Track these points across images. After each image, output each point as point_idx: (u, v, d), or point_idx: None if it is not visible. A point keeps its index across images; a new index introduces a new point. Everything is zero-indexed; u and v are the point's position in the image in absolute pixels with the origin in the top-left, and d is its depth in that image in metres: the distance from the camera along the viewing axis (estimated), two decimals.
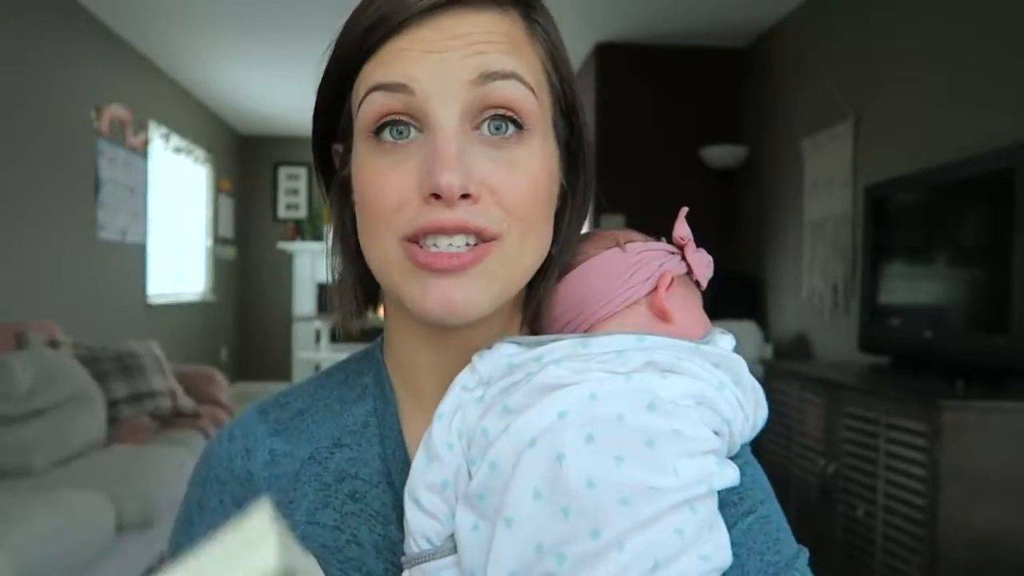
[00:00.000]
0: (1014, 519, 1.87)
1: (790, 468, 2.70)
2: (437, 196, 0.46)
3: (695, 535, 0.44)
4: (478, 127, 0.48)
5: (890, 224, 2.70)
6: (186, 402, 3.60)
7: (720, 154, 4.21)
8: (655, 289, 0.53)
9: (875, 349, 2.74)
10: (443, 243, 0.47)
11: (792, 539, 0.53)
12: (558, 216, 0.55)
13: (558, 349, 0.49)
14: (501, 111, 0.48)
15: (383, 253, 0.50)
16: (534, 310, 0.56)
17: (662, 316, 0.53)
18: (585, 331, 0.54)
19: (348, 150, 0.53)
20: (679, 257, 0.56)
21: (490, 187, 0.48)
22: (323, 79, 0.54)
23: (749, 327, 3.71)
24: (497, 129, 0.49)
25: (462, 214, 0.47)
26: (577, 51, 4.61)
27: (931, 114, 2.74)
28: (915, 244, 2.58)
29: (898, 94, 2.94)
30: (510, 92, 0.48)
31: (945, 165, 2.41)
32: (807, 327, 3.63)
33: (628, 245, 0.55)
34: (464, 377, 0.51)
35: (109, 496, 2.53)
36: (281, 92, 5.78)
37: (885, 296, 2.69)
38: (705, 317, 0.56)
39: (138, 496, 2.64)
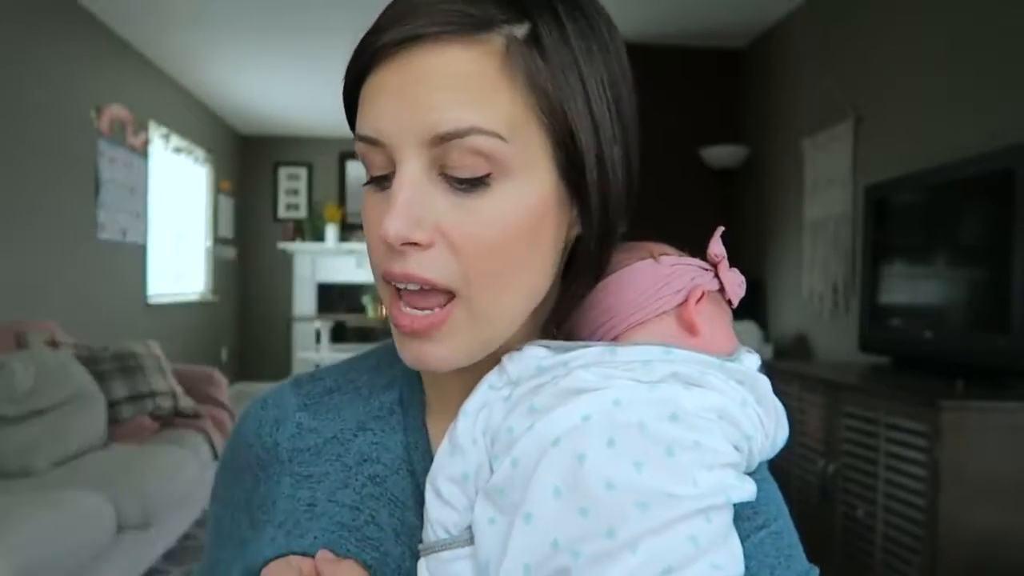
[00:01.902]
0: (1014, 519, 1.87)
1: (790, 468, 2.70)
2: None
3: (709, 544, 0.44)
4: (443, 173, 0.47)
5: (890, 224, 2.70)
6: (186, 402, 3.60)
7: (720, 154, 4.21)
8: (685, 302, 0.54)
9: (875, 349, 2.74)
10: (403, 286, 0.49)
11: (803, 557, 0.54)
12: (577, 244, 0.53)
13: (586, 355, 0.50)
14: (459, 176, 0.46)
15: (380, 289, 0.52)
16: (560, 322, 0.56)
17: (690, 329, 0.54)
18: (613, 339, 0.54)
19: None
20: (712, 274, 0.57)
21: (445, 235, 0.47)
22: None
23: (749, 327, 3.71)
24: (461, 182, 0.47)
25: (411, 264, 0.47)
26: None
27: (931, 114, 2.74)
28: (915, 244, 2.58)
29: (898, 94, 2.94)
30: (472, 147, 0.45)
31: (945, 165, 2.41)
32: (807, 327, 3.63)
33: (662, 258, 0.56)
34: (493, 376, 0.52)
35: (109, 496, 2.53)
36: (281, 92, 5.78)
37: (885, 296, 2.69)
38: (733, 335, 0.57)
39: (138, 496, 2.64)
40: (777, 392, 0.53)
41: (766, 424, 0.51)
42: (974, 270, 2.26)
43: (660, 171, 4.30)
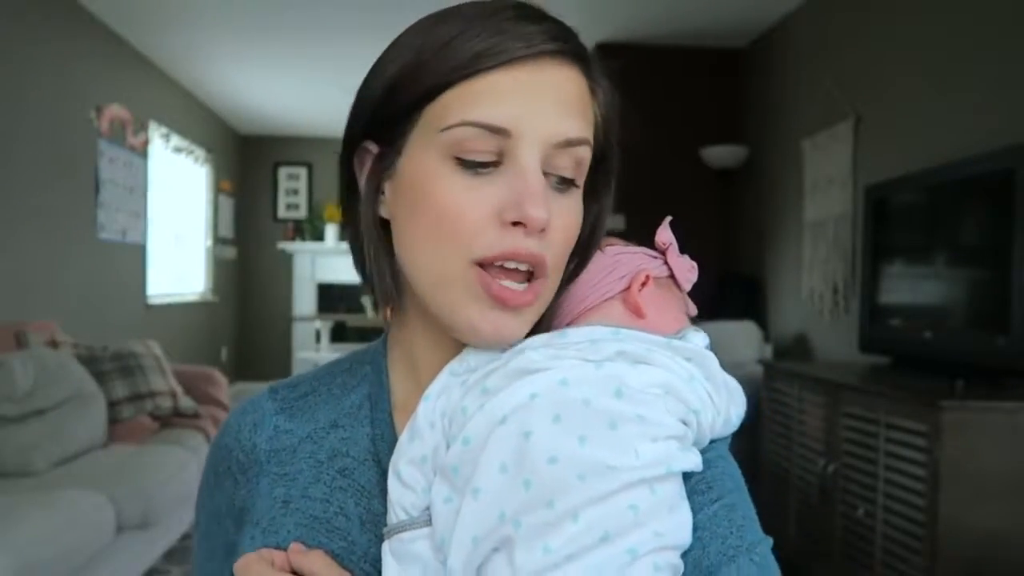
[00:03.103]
0: (1014, 519, 1.87)
1: (790, 468, 2.70)
2: (516, 224, 0.51)
3: (650, 513, 0.46)
4: (545, 171, 0.53)
5: (890, 224, 2.70)
6: (186, 402, 3.60)
7: (720, 154, 4.21)
8: (629, 287, 0.57)
9: (875, 349, 2.74)
10: (510, 265, 0.52)
11: (758, 528, 0.55)
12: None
13: (537, 340, 0.53)
14: (565, 175, 0.54)
15: (445, 270, 0.53)
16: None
17: (635, 312, 0.57)
18: (566, 326, 0.58)
19: (388, 153, 0.56)
20: (660, 261, 0.59)
21: (550, 224, 0.53)
22: (392, 83, 0.55)
23: (749, 327, 3.71)
24: (562, 180, 0.54)
25: (538, 246, 0.52)
26: None
27: (931, 114, 2.74)
28: (915, 244, 2.58)
29: (898, 94, 2.94)
30: (579, 155, 0.54)
31: (945, 165, 2.41)
32: (807, 327, 3.63)
33: (607, 248, 0.60)
34: (453, 364, 0.55)
35: (109, 496, 2.53)
36: (281, 92, 5.78)
37: (885, 296, 2.69)
38: (683, 318, 0.59)
39: (137, 496, 2.64)
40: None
41: (716, 400, 0.53)
42: (974, 270, 2.26)
43: (660, 171, 4.30)
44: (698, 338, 0.56)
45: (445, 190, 0.52)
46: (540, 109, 0.52)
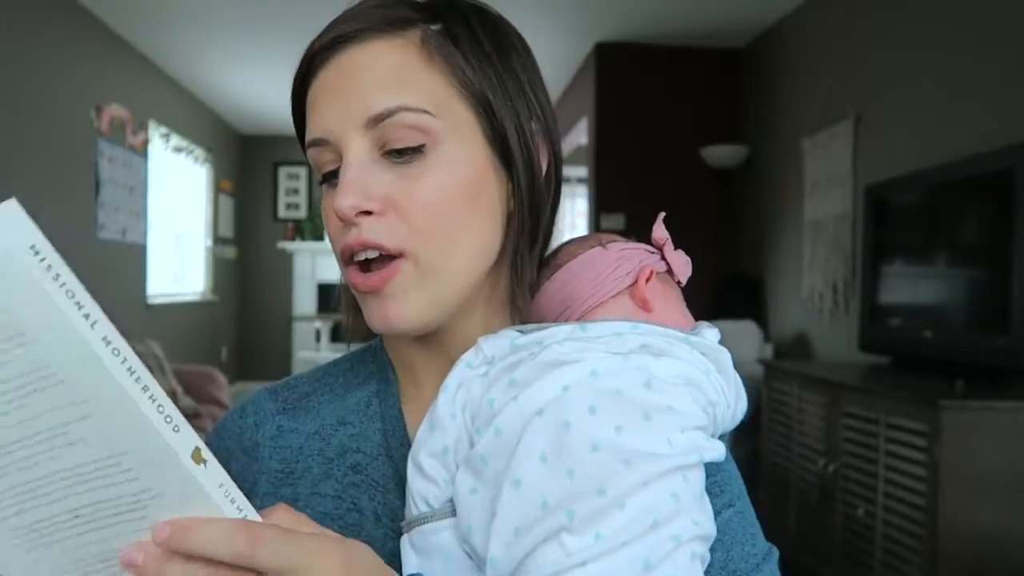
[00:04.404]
0: (1014, 519, 1.87)
1: (790, 468, 2.70)
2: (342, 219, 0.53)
3: (688, 501, 0.47)
4: (386, 153, 0.53)
5: (890, 224, 2.70)
6: (186, 402, 3.60)
7: (720, 154, 4.21)
8: (635, 282, 0.58)
9: (875, 349, 2.74)
10: (359, 257, 0.53)
11: (763, 537, 0.56)
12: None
13: (559, 333, 0.53)
14: (397, 147, 0.53)
15: (344, 274, 0.56)
16: (519, 305, 0.59)
17: (644, 305, 0.58)
18: (575, 320, 0.58)
19: None
20: (659, 256, 0.61)
21: (394, 203, 0.53)
22: (291, 106, 0.60)
23: (749, 327, 3.71)
24: (400, 153, 0.53)
25: (364, 231, 0.52)
26: (577, 51, 4.61)
27: (931, 114, 2.74)
28: (915, 244, 2.58)
29: (898, 94, 2.94)
30: (404, 123, 0.52)
31: (945, 165, 2.41)
32: (807, 327, 3.64)
33: (610, 244, 0.60)
34: (469, 356, 0.55)
35: None
36: (281, 92, 5.74)
37: (885, 296, 2.69)
38: (686, 311, 0.61)
39: None
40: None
41: (727, 394, 0.54)
42: (974, 270, 2.26)
43: (660, 171, 4.31)
44: (711, 334, 0.57)
45: (324, 207, 0.56)
46: (341, 100, 0.53)
